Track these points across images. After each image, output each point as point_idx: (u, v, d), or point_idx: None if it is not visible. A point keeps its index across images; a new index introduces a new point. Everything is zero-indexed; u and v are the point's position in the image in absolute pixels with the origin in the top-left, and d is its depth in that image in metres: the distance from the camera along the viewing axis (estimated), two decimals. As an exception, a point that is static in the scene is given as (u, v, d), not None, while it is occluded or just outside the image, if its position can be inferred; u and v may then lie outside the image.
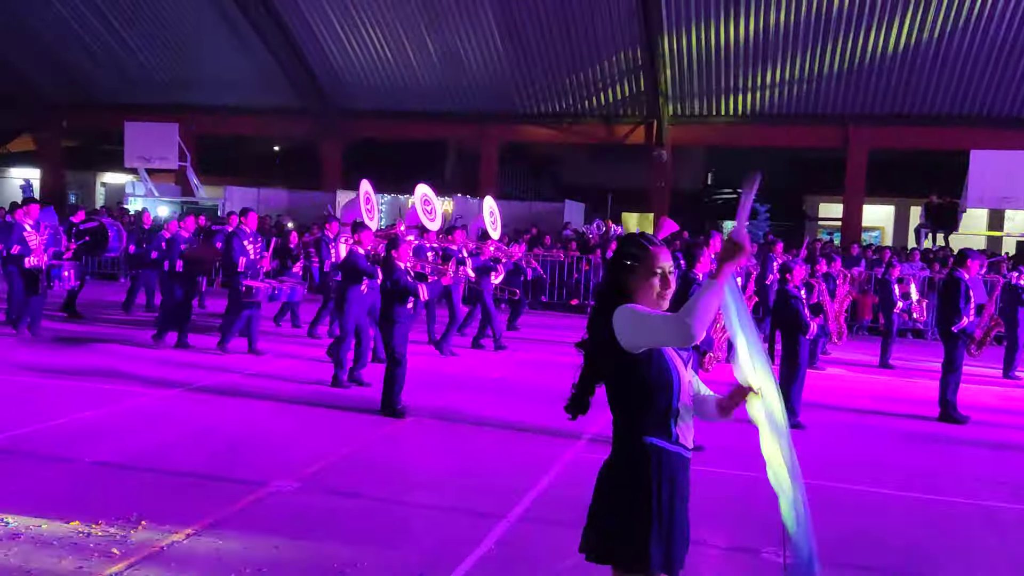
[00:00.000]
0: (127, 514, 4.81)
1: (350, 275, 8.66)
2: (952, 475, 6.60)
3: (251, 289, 10.00)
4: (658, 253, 2.65)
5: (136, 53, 24.42)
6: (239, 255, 10.08)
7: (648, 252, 2.64)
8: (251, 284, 10.03)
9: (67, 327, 11.61)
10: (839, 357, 11.96)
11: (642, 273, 2.62)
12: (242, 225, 10.52)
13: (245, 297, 10.01)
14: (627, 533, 2.56)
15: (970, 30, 18.60)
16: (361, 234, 8.76)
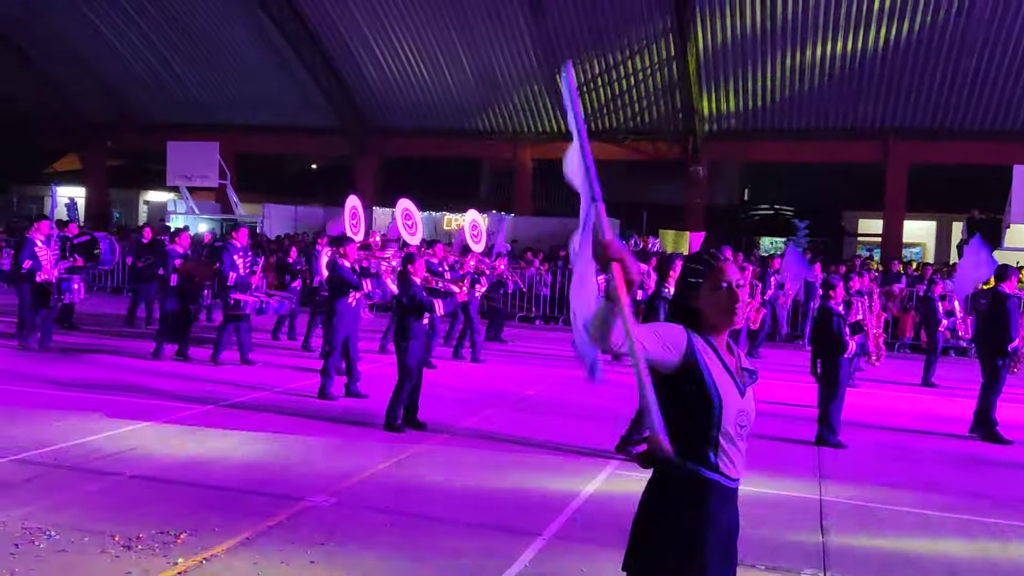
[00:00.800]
0: (167, 528, 4.87)
1: (337, 288, 8.83)
2: (1000, 496, 6.44)
3: (239, 302, 10.35)
4: (724, 268, 2.61)
5: (179, 74, 25.00)
6: (229, 269, 10.42)
7: (713, 268, 2.61)
8: (239, 297, 10.37)
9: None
10: (881, 375, 11.75)
11: (706, 289, 2.60)
12: (233, 240, 10.87)
13: (232, 310, 10.39)
14: (658, 557, 2.53)
15: (1012, 44, 18.31)
16: (345, 247, 9.02)
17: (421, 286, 7.77)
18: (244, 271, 10.66)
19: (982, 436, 8.30)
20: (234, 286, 10.40)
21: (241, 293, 10.47)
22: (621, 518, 2.79)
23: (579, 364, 2.47)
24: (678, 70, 20.55)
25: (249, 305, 10.48)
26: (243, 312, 10.43)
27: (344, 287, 8.81)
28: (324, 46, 22.77)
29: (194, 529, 4.88)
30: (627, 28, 20.13)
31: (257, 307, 10.76)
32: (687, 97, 21.04)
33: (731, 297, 2.58)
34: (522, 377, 10.77)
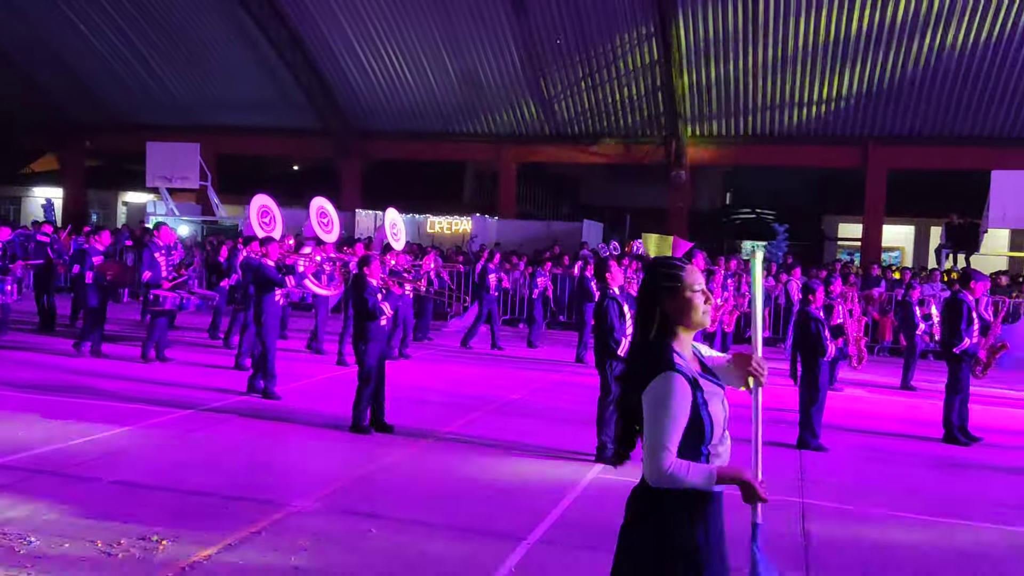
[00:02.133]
0: (148, 534, 4.83)
1: (261, 286, 8.94)
2: (975, 500, 6.51)
3: (158, 298, 10.56)
4: (692, 271, 2.68)
5: (158, 74, 24.82)
6: (147, 267, 10.65)
7: (684, 271, 2.66)
8: (158, 293, 10.57)
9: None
10: (860, 379, 11.85)
11: (684, 294, 2.63)
12: (155, 238, 11.08)
13: (152, 306, 10.63)
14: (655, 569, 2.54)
15: (990, 51, 18.55)
16: (268, 247, 9.23)
17: (379, 288, 7.78)
18: (166, 270, 10.81)
19: (943, 437, 8.41)
20: (152, 283, 10.62)
21: (160, 290, 10.68)
22: (605, 522, 2.80)
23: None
24: (661, 74, 20.64)
25: (168, 301, 10.68)
26: (163, 308, 10.65)
27: (268, 285, 8.92)
28: (306, 46, 22.68)
29: (176, 535, 4.84)
30: (610, 32, 20.21)
31: (177, 303, 10.94)
32: (670, 101, 21.14)
33: (699, 302, 2.63)
34: (507, 381, 10.77)
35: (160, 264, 10.75)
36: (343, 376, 10.37)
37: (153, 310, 10.69)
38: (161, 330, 10.76)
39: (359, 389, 7.57)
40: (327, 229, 11.94)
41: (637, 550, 2.58)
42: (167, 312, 10.83)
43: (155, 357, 10.58)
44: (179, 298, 10.95)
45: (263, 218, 11.05)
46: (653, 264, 2.77)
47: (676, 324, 2.64)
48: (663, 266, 2.71)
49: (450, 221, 22.93)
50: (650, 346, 2.61)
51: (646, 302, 2.68)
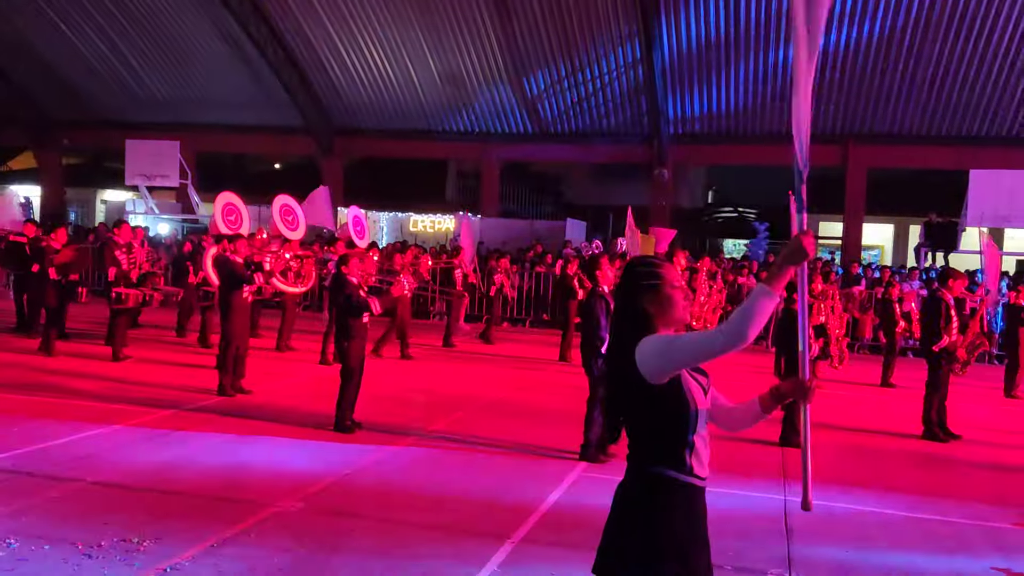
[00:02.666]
0: (129, 536, 4.79)
1: (229, 282, 8.94)
2: (955, 495, 6.58)
3: (120, 296, 10.56)
4: (672, 269, 2.73)
5: (138, 72, 24.59)
6: (110, 264, 10.65)
7: (664, 268, 2.70)
8: (120, 291, 10.58)
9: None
10: (841, 376, 11.94)
11: (665, 291, 2.65)
12: (115, 236, 11.08)
13: (115, 304, 10.62)
14: (639, 561, 2.54)
15: (968, 51, 18.73)
16: (236, 243, 9.23)
17: (358, 285, 7.77)
18: (127, 266, 10.81)
19: (922, 434, 8.50)
20: (114, 281, 10.63)
21: (123, 287, 10.67)
22: (590, 520, 2.81)
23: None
24: (644, 73, 20.69)
25: (131, 298, 10.67)
26: (126, 306, 10.64)
27: (235, 281, 8.92)
28: (287, 44, 22.55)
29: (157, 536, 4.80)
30: (593, 30, 20.23)
31: (140, 301, 10.96)
32: (652, 100, 21.20)
33: (680, 299, 2.67)
34: (491, 380, 10.77)
35: (121, 261, 10.75)
36: (323, 375, 10.32)
37: (115, 308, 10.66)
38: (124, 329, 10.73)
39: (342, 387, 7.54)
40: (292, 227, 11.95)
41: (624, 542, 2.59)
42: (130, 310, 10.81)
43: (124, 355, 10.55)
44: (142, 295, 10.97)
45: (228, 216, 11.05)
46: (632, 263, 2.78)
47: (656, 321, 2.66)
48: (643, 264, 2.73)
49: (433, 220, 22.89)
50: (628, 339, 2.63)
51: (626, 301, 2.70)
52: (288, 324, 12.20)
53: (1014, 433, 9.11)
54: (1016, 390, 11.42)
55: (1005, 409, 10.66)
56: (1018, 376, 11.49)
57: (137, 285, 11.04)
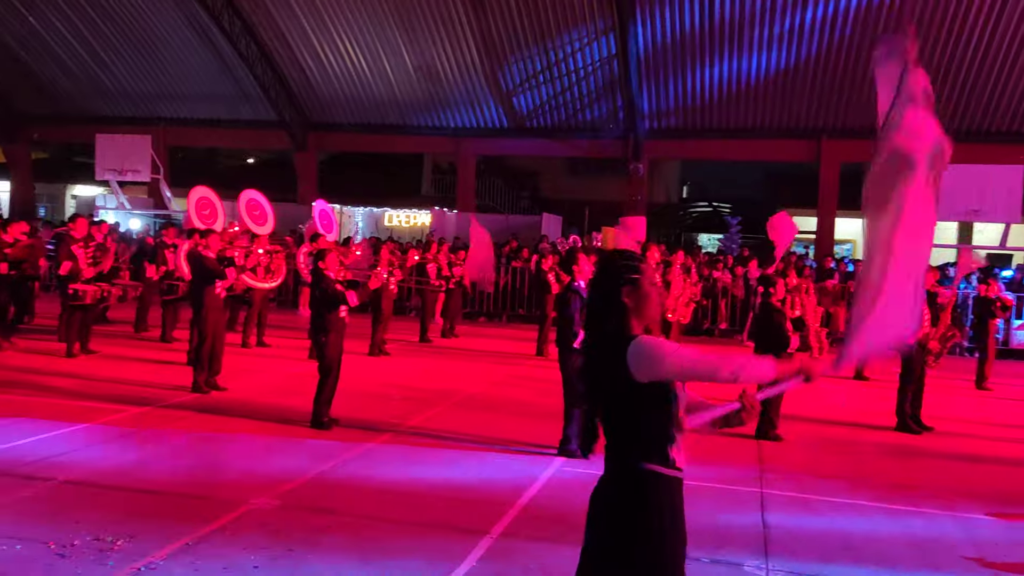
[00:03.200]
0: (103, 535, 4.72)
1: (201, 277, 8.89)
2: (928, 486, 6.66)
3: (77, 292, 10.43)
4: (649, 266, 2.77)
5: (109, 65, 24.24)
6: (65, 260, 10.51)
7: (644, 265, 2.70)
8: (77, 287, 10.45)
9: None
10: (815, 369, 12.03)
11: (644, 285, 2.65)
12: (71, 231, 10.94)
13: (71, 300, 10.48)
14: (632, 558, 2.54)
15: (938, 48, 18.95)
16: (208, 238, 9.16)
17: (336, 279, 7.73)
18: (84, 261, 10.67)
19: (896, 426, 8.60)
20: (70, 276, 10.49)
21: (79, 283, 10.55)
22: (567, 514, 2.80)
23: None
24: (619, 68, 20.72)
25: (89, 295, 10.55)
26: (83, 301, 10.52)
27: (208, 276, 8.84)
28: (260, 38, 22.31)
29: (131, 535, 4.74)
30: (568, 25, 20.22)
31: (98, 296, 10.84)
32: (627, 95, 21.24)
33: (655, 297, 2.70)
34: (467, 375, 10.75)
35: (78, 257, 10.59)
36: (302, 371, 10.25)
37: (72, 304, 10.51)
38: (80, 324, 10.59)
39: (321, 383, 7.48)
40: (260, 222, 11.85)
41: (606, 537, 2.59)
42: (87, 306, 10.69)
43: (78, 351, 10.46)
44: (100, 291, 10.84)
45: (203, 211, 10.94)
46: (613, 257, 2.77)
47: (632, 316, 2.66)
48: (625, 259, 2.72)
49: (408, 214, 22.79)
50: (609, 337, 2.62)
51: (605, 294, 2.69)
52: (253, 320, 12.07)
53: (985, 424, 9.25)
54: (986, 382, 11.59)
55: (976, 401, 10.81)
56: (988, 368, 11.66)
57: (100, 280, 10.90)
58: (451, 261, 14.64)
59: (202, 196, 11.15)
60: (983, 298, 11.93)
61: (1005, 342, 14.89)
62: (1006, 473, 7.28)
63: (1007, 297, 12.64)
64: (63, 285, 10.64)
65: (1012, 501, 6.37)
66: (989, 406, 10.44)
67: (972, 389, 11.50)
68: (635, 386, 2.54)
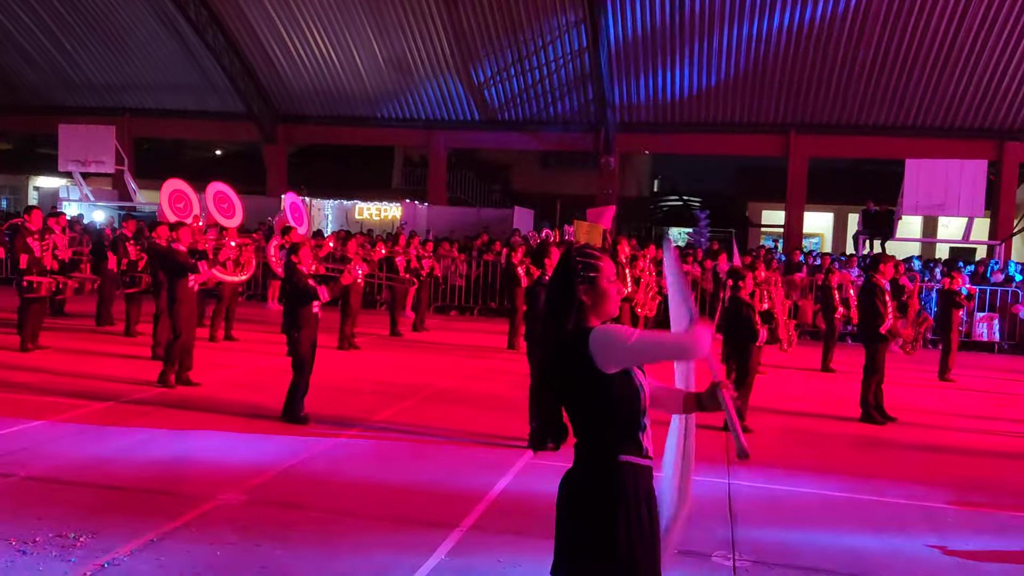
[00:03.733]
0: (65, 530, 4.65)
1: (174, 272, 8.78)
2: (892, 476, 6.76)
3: (31, 284, 10.34)
4: (608, 261, 2.74)
5: (73, 55, 23.82)
6: (21, 252, 10.40)
7: (603, 262, 2.70)
8: (32, 279, 10.35)
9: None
10: (783, 361, 12.18)
11: (602, 282, 2.65)
12: (26, 223, 10.80)
13: (27, 292, 10.36)
14: (614, 551, 2.54)
15: (904, 43, 19.20)
16: (179, 231, 9.05)
17: (309, 274, 7.67)
18: (39, 253, 10.54)
19: (860, 417, 8.72)
20: (26, 268, 10.38)
21: (35, 276, 10.43)
22: (538, 507, 2.80)
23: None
24: (590, 62, 20.75)
25: (44, 287, 10.44)
26: (38, 294, 10.40)
27: (180, 270, 8.76)
28: (228, 27, 22.03)
29: (94, 531, 4.67)
30: (540, 18, 20.20)
31: (53, 289, 10.73)
32: (599, 88, 21.28)
33: (613, 294, 2.70)
34: (438, 368, 10.72)
35: (33, 249, 10.44)
36: (270, 365, 10.17)
37: (27, 296, 10.36)
38: (35, 317, 10.42)
39: (294, 378, 7.41)
40: (228, 215, 11.73)
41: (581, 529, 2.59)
42: (42, 298, 10.55)
43: (32, 346, 10.28)
44: (55, 283, 10.70)
45: (177, 203, 10.80)
46: (571, 253, 2.76)
47: (590, 312, 2.66)
48: (583, 255, 2.71)
49: (379, 207, 22.67)
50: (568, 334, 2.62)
51: (564, 290, 2.68)
52: (221, 313, 11.95)
53: (947, 415, 9.40)
54: (949, 373, 11.79)
55: (939, 392, 10.99)
56: (951, 359, 11.85)
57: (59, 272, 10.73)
58: (419, 254, 14.58)
59: (175, 189, 11.00)
60: (947, 291, 12.12)
61: (967, 334, 15.16)
62: (968, 463, 7.41)
63: (972, 288, 12.86)
64: (19, 278, 10.48)
65: (974, 490, 6.49)
66: (951, 397, 10.62)
67: (935, 380, 11.69)
68: (602, 377, 2.54)
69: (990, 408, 9.96)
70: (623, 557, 2.54)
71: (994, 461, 7.50)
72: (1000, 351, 15.51)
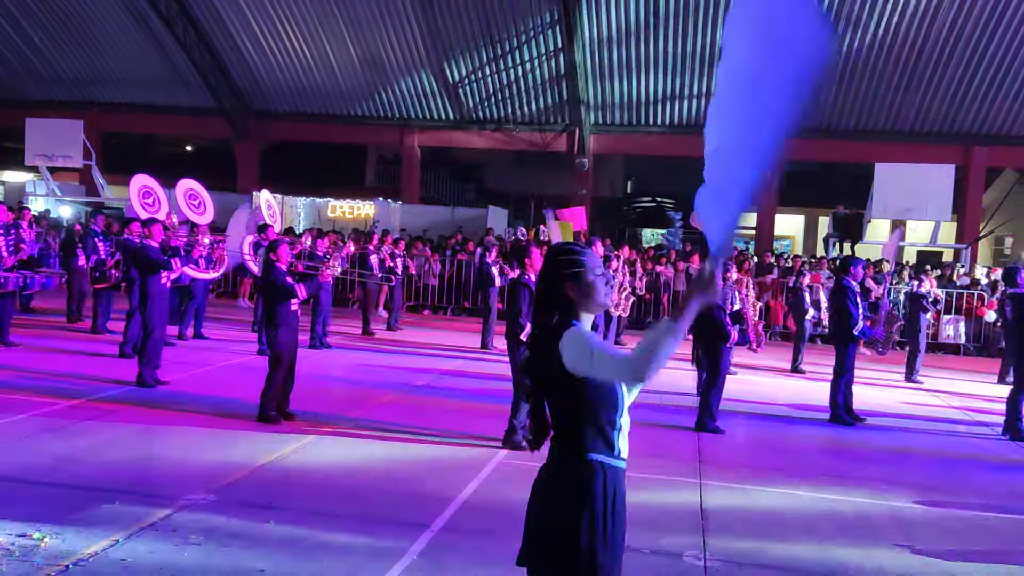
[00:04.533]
0: (28, 531, 4.56)
1: (146, 268, 8.71)
2: (861, 476, 6.84)
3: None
4: (593, 255, 2.72)
5: (40, 48, 23.43)
6: None
7: (586, 255, 2.69)
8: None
9: None
10: (754, 362, 12.28)
11: (587, 276, 2.64)
12: None
13: None
14: (576, 548, 2.54)
15: (875, 49, 19.44)
16: (151, 228, 8.96)
17: (286, 271, 7.61)
18: (5, 250, 10.39)
19: (829, 418, 8.81)
20: None
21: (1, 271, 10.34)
22: (511, 507, 2.78)
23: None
24: (565, 62, 20.78)
25: (11, 282, 10.33)
26: (6, 289, 10.27)
27: (153, 267, 8.66)
28: (198, 22, 21.77)
29: (58, 532, 4.58)
30: (515, 18, 20.20)
31: (20, 284, 10.61)
32: (573, 89, 21.31)
33: (601, 285, 2.68)
34: (412, 367, 10.67)
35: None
36: (241, 364, 10.06)
37: None
38: (5, 313, 10.25)
39: (269, 376, 7.34)
40: (199, 212, 11.62)
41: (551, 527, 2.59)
42: (9, 294, 10.39)
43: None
44: (22, 278, 10.56)
45: (145, 199, 10.65)
46: (554, 251, 2.77)
47: (579, 308, 2.66)
48: (564, 252, 2.72)
49: (352, 205, 22.53)
50: (553, 329, 2.62)
51: (548, 288, 2.69)
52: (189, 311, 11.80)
53: (914, 417, 9.53)
54: (916, 375, 11.95)
55: (906, 393, 11.13)
56: (918, 361, 12.01)
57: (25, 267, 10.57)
58: (393, 253, 14.51)
59: (143, 184, 10.85)
60: (915, 294, 12.29)
61: (934, 336, 15.39)
62: (935, 463, 7.52)
63: (938, 293, 13.05)
64: None
65: (940, 490, 6.57)
66: (918, 399, 10.76)
67: (902, 382, 11.84)
68: (576, 379, 2.54)
69: (957, 410, 10.11)
70: (587, 557, 2.54)
71: (961, 462, 7.61)
72: (966, 353, 15.76)
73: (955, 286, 16.39)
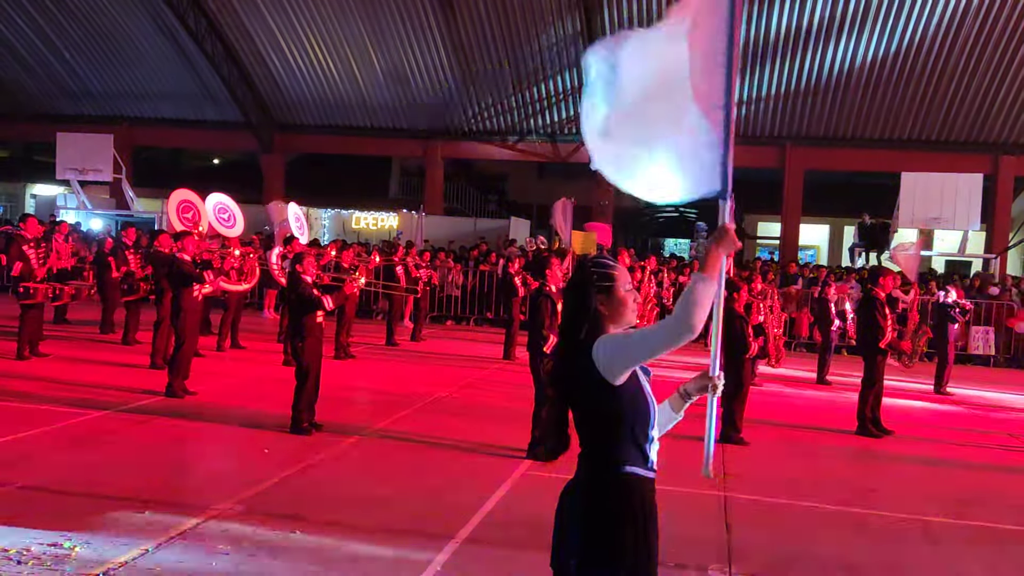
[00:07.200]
0: (60, 540, 4.63)
1: (179, 281, 8.79)
2: (889, 490, 6.77)
3: (28, 291, 10.34)
4: (623, 270, 2.73)
5: (71, 64, 23.86)
6: (16, 259, 10.42)
7: (617, 270, 2.70)
8: (29, 286, 10.35)
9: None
10: (778, 373, 12.19)
11: (619, 291, 2.65)
12: (22, 231, 10.83)
13: (23, 299, 10.36)
14: (611, 562, 2.53)
15: (900, 58, 19.31)
16: (183, 241, 9.05)
17: (313, 283, 7.67)
18: (36, 262, 10.52)
19: (856, 430, 8.72)
20: (21, 276, 10.38)
21: (31, 282, 10.42)
22: (535, 519, 2.79)
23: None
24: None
25: (40, 294, 10.45)
26: (36, 301, 10.40)
27: (185, 280, 8.76)
28: (227, 38, 22.09)
29: (89, 541, 4.65)
30: (537, 29, 20.29)
31: (50, 295, 10.75)
32: (596, 100, 21.31)
33: (630, 302, 2.69)
34: (434, 378, 10.71)
35: (30, 257, 10.43)
36: (268, 375, 10.15)
37: (24, 303, 10.34)
38: (33, 324, 10.41)
39: (298, 388, 7.38)
40: (228, 225, 11.77)
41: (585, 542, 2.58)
42: (39, 305, 10.54)
43: (29, 354, 10.23)
44: (52, 290, 10.69)
45: (184, 213, 10.80)
46: (585, 263, 2.77)
47: (607, 322, 2.66)
48: (596, 265, 2.72)
49: (376, 217, 22.69)
50: (580, 343, 2.62)
51: (579, 301, 2.69)
52: (227, 323, 11.97)
53: (943, 429, 9.41)
54: (945, 386, 11.80)
55: (935, 405, 11.00)
56: (947, 373, 11.87)
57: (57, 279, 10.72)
58: (417, 263, 14.59)
59: (184, 199, 11.01)
60: (942, 304, 12.15)
61: (963, 347, 15.19)
62: (965, 477, 7.42)
63: (966, 303, 12.90)
64: (15, 285, 10.48)
65: (972, 505, 6.49)
66: (948, 410, 10.63)
67: (931, 393, 11.71)
68: (610, 389, 2.54)
69: (987, 422, 9.97)
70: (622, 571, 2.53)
71: (992, 475, 7.51)
72: (996, 364, 15.54)
73: (985, 296, 16.17)
